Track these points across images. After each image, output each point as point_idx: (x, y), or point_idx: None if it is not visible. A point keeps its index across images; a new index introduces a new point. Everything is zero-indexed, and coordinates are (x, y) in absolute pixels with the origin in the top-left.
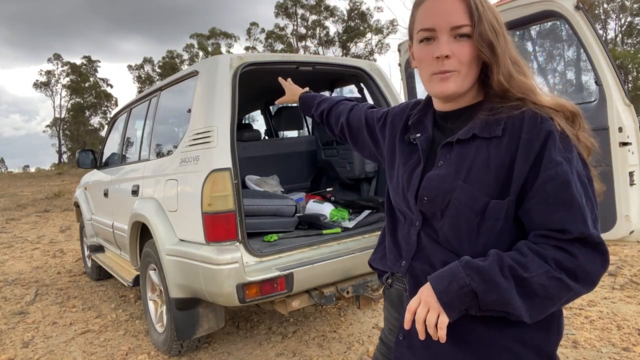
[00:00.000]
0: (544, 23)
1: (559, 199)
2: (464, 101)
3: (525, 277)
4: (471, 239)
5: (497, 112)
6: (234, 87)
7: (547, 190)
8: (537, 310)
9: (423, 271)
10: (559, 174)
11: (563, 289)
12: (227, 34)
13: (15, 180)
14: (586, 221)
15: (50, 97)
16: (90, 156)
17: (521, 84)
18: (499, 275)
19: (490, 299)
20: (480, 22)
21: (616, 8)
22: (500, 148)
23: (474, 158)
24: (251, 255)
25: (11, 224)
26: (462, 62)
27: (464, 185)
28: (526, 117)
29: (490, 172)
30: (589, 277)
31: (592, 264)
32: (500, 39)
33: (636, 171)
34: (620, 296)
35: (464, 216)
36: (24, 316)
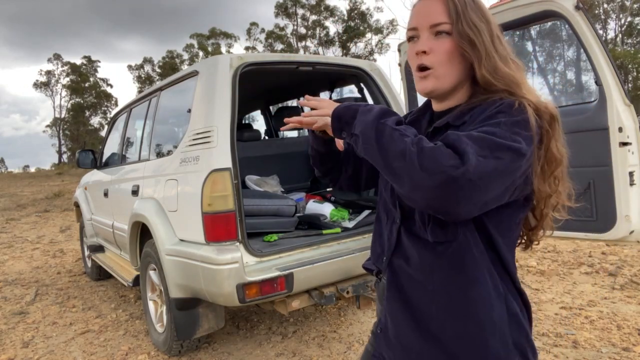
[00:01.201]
0: (544, 23)
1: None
2: (454, 100)
3: (390, 126)
4: (433, 219)
5: (474, 103)
6: (234, 87)
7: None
8: (374, 149)
9: (400, 266)
10: (478, 130)
11: (400, 153)
12: (227, 34)
13: (15, 180)
14: (462, 136)
15: (50, 97)
16: (90, 156)
17: (506, 77)
18: (380, 113)
19: (361, 120)
20: (458, 20)
21: (616, 8)
22: (464, 131)
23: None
24: (251, 255)
25: (11, 224)
26: (440, 59)
27: None
28: (489, 101)
29: None
30: (433, 163)
31: (446, 157)
32: (482, 35)
33: (636, 171)
34: (620, 296)
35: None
36: (24, 316)
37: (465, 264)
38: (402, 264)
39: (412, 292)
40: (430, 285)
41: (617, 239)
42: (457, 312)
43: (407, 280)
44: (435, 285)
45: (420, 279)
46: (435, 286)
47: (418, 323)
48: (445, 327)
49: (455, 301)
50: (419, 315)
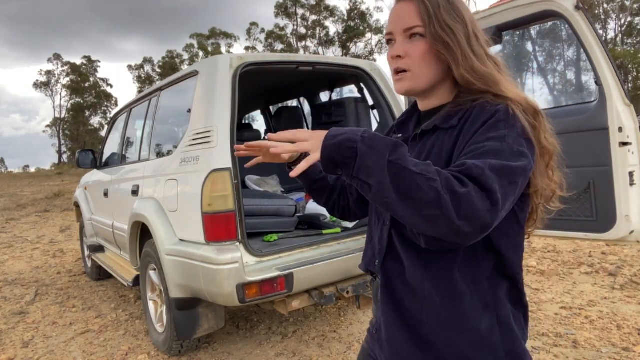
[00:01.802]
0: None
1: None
2: (436, 100)
3: (409, 169)
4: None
5: (459, 105)
6: (234, 87)
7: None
8: (395, 200)
9: (392, 269)
10: (485, 145)
11: (434, 202)
12: (227, 34)
13: (15, 180)
14: (485, 167)
15: (50, 97)
16: (90, 156)
17: (485, 76)
18: (387, 151)
19: (366, 164)
20: (431, 22)
21: (616, 8)
22: (452, 136)
23: (431, 147)
24: (251, 255)
25: (11, 224)
26: (415, 61)
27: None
28: (477, 106)
29: (442, 159)
30: (471, 210)
31: (480, 201)
32: (457, 36)
33: (636, 171)
34: (620, 296)
35: None
36: (24, 316)
37: (454, 275)
38: (395, 268)
39: (404, 296)
40: (421, 292)
41: (617, 239)
42: (446, 322)
43: (400, 284)
44: (426, 293)
45: (412, 284)
46: (426, 293)
47: (409, 327)
48: (435, 334)
49: (444, 311)
50: (410, 320)
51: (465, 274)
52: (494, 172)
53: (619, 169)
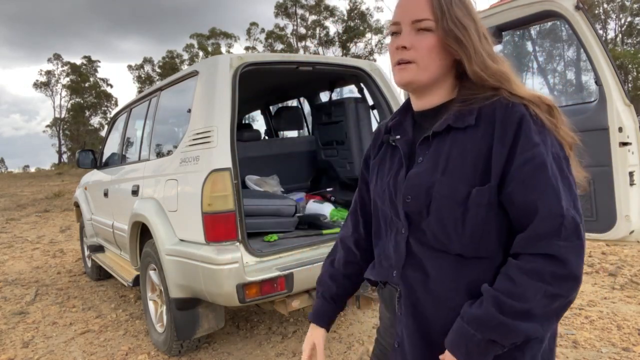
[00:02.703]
0: (544, 23)
1: (534, 181)
2: (437, 97)
3: (527, 309)
4: (457, 231)
5: (470, 102)
6: (234, 87)
7: (524, 172)
8: (548, 323)
9: (415, 278)
10: (536, 155)
11: (560, 300)
12: (227, 34)
13: (15, 180)
14: (560, 200)
15: (50, 97)
16: (90, 156)
17: (497, 73)
18: (502, 317)
19: (509, 339)
20: (443, 17)
21: (616, 8)
22: (475, 137)
23: (449, 149)
24: (251, 255)
25: (11, 224)
26: (421, 54)
27: (442, 178)
28: (498, 105)
29: (467, 162)
30: (577, 277)
31: (577, 256)
32: (469, 33)
33: (636, 171)
34: (620, 296)
35: (447, 208)
36: (24, 316)
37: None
38: (417, 277)
39: (427, 308)
40: (451, 302)
41: (617, 239)
42: None
43: (422, 294)
44: (458, 303)
45: (439, 295)
46: (457, 304)
47: (432, 342)
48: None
49: None
50: (435, 333)
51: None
52: (569, 197)
53: (619, 169)
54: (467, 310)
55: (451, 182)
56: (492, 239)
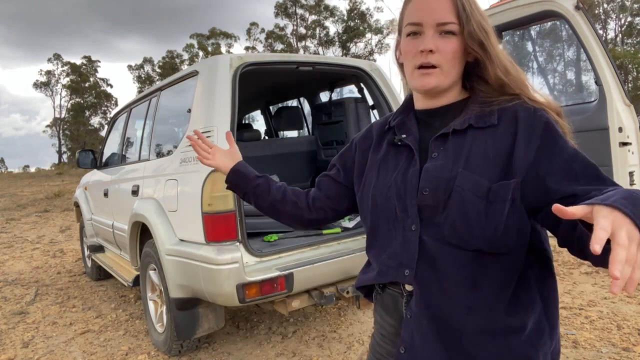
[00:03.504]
0: (544, 23)
1: (591, 174)
2: (447, 98)
3: None
4: (481, 224)
5: (490, 104)
6: (234, 87)
7: (575, 169)
8: None
9: (428, 277)
10: (577, 152)
11: None
12: (227, 34)
13: (15, 180)
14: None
15: (50, 97)
16: (90, 156)
17: (517, 79)
18: None
19: None
20: (468, 22)
21: (616, 8)
22: (496, 135)
23: (470, 147)
24: (251, 255)
25: (11, 224)
26: (446, 58)
27: (465, 172)
28: (520, 108)
29: (489, 159)
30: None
31: None
32: (490, 37)
33: (636, 171)
34: (620, 296)
35: (470, 201)
36: (24, 316)
37: (518, 283)
38: (430, 276)
39: (442, 308)
40: (468, 300)
41: None
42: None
43: (437, 294)
44: (475, 301)
45: (455, 293)
46: (474, 301)
47: (448, 342)
48: (478, 349)
49: (496, 325)
50: (451, 333)
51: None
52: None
53: (619, 169)
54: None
55: (473, 176)
56: (512, 235)
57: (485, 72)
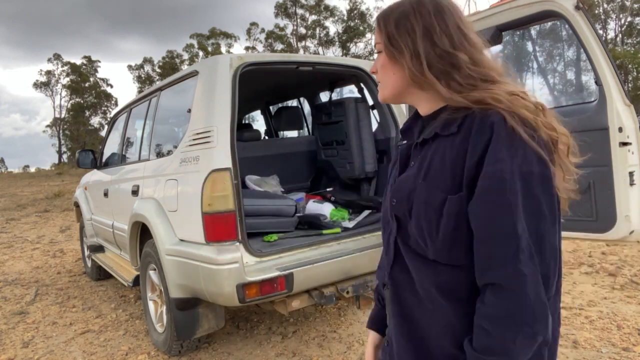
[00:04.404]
0: (544, 23)
1: (489, 197)
2: (427, 105)
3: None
4: (432, 237)
5: (456, 111)
6: (234, 87)
7: (483, 187)
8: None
9: (401, 279)
10: (496, 171)
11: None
12: (227, 34)
13: (15, 180)
14: (515, 222)
15: (50, 97)
16: (90, 156)
17: (430, 82)
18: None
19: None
20: (382, 35)
21: (616, 8)
22: (454, 144)
23: (433, 155)
24: (251, 255)
25: (11, 224)
26: (379, 74)
27: (423, 184)
28: (477, 115)
29: (446, 169)
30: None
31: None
32: (404, 47)
33: (636, 171)
34: (620, 296)
35: (424, 213)
36: (24, 316)
37: (469, 292)
38: (403, 278)
39: (413, 309)
40: (430, 304)
41: (617, 239)
42: (457, 341)
43: (409, 295)
44: (435, 305)
45: (421, 296)
46: (435, 306)
47: (417, 342)
48: (444, 351)
49: (456, 336)
50: (419, 334)
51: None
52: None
53: (619, 169)
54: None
55: (429, 188)
56: (463, 248)
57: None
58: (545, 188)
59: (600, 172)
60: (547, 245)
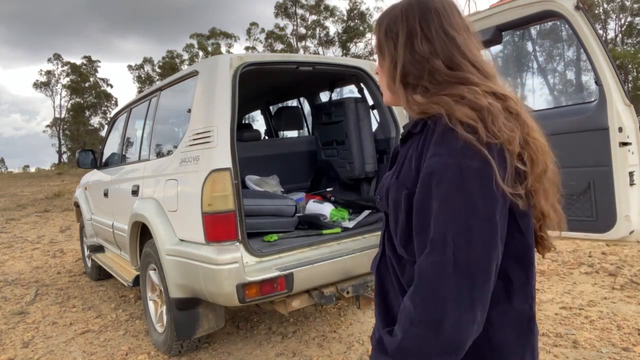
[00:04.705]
0: (544, 23)
1: (421, 189)
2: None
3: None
4: (396, 231)
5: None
6: (234, 87)
7: (419, 181)
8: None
9: (383, 272)
10: (428, 165)
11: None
12: (227, 34)
13: (15, 180)
14: (437, 216)
15: (50, 97)
16: (90, 156)
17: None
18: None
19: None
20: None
21: (616, 8)
22: (418, 143)
23: (405, 154)
24: (251, 255)
25: (11, 224)
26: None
27: (395, 181)
28: (437, 120)
29: (412, 167)
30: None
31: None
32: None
33: (636, 171)
34: (620, 296)
35: (393, 210)
36: (24, 316)
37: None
38: (386, 271)
39: (393, 301)
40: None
41: (617, 239)
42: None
43: (391, 288)
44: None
45: (397, 289)
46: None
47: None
48: None
49: None
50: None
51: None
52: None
53: (619, 169)
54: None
55: (398, 186)
56: (410, 238)
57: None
58: (483, 184)
59: (600, 172)
60: (475, 242)
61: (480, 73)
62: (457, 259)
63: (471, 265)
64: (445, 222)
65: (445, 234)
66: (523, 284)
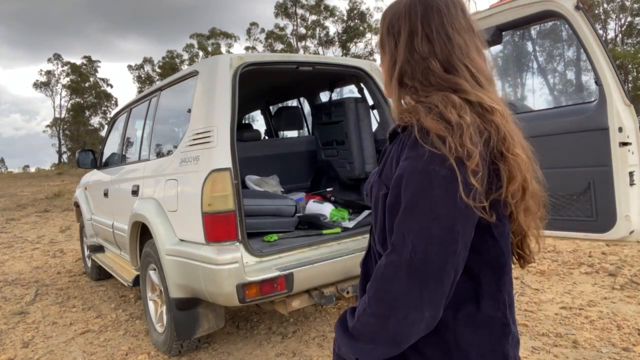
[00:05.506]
0: (544, 23)
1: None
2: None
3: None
4: (375, 229)
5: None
6: (234, 87)
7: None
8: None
9: (368, 268)
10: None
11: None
12: (227, 34)
13: (15, 180)
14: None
15: (50, 97)
16: (90, 156)
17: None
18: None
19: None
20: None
21: (616, 8)
22: (399, 144)
23: (389, 153)
24: (251, 255)
25: (11, 224)
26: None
27: (378, 179)
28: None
29: (392, 166)
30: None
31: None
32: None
33: (636, 171)
34: (620, 296)
35: (374, 207)
36: (24, 316)
37: None
38: (371, 267)
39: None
40: None
41: (617, 239)
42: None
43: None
44: None
45: None
46: None
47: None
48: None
49: None
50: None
51: None
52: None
53: (619, 169)
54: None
55: (380, 184)
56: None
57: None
58: (448, 191)
59: (600, 172)
60: (433, 246)
61: (475, 79)
62: (412, 261)
63: (426, 268)
64: (407, 225)
65: (405, 235)
66: (493, 291)
